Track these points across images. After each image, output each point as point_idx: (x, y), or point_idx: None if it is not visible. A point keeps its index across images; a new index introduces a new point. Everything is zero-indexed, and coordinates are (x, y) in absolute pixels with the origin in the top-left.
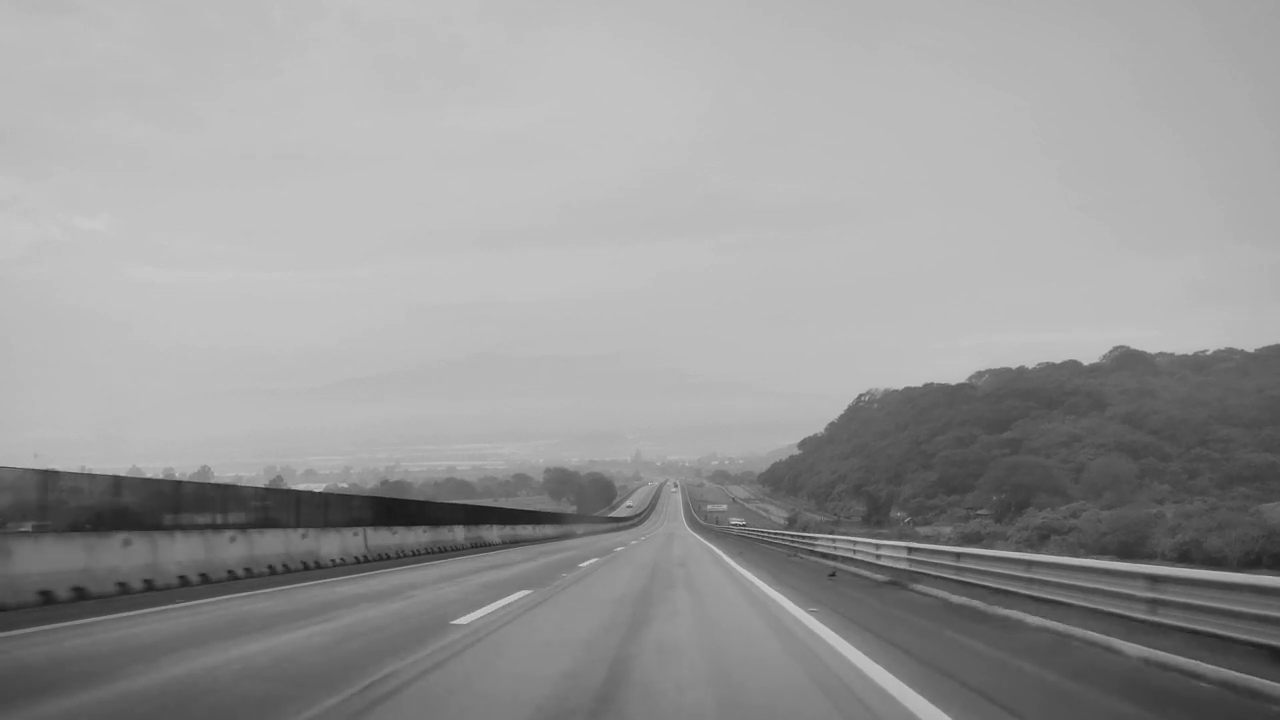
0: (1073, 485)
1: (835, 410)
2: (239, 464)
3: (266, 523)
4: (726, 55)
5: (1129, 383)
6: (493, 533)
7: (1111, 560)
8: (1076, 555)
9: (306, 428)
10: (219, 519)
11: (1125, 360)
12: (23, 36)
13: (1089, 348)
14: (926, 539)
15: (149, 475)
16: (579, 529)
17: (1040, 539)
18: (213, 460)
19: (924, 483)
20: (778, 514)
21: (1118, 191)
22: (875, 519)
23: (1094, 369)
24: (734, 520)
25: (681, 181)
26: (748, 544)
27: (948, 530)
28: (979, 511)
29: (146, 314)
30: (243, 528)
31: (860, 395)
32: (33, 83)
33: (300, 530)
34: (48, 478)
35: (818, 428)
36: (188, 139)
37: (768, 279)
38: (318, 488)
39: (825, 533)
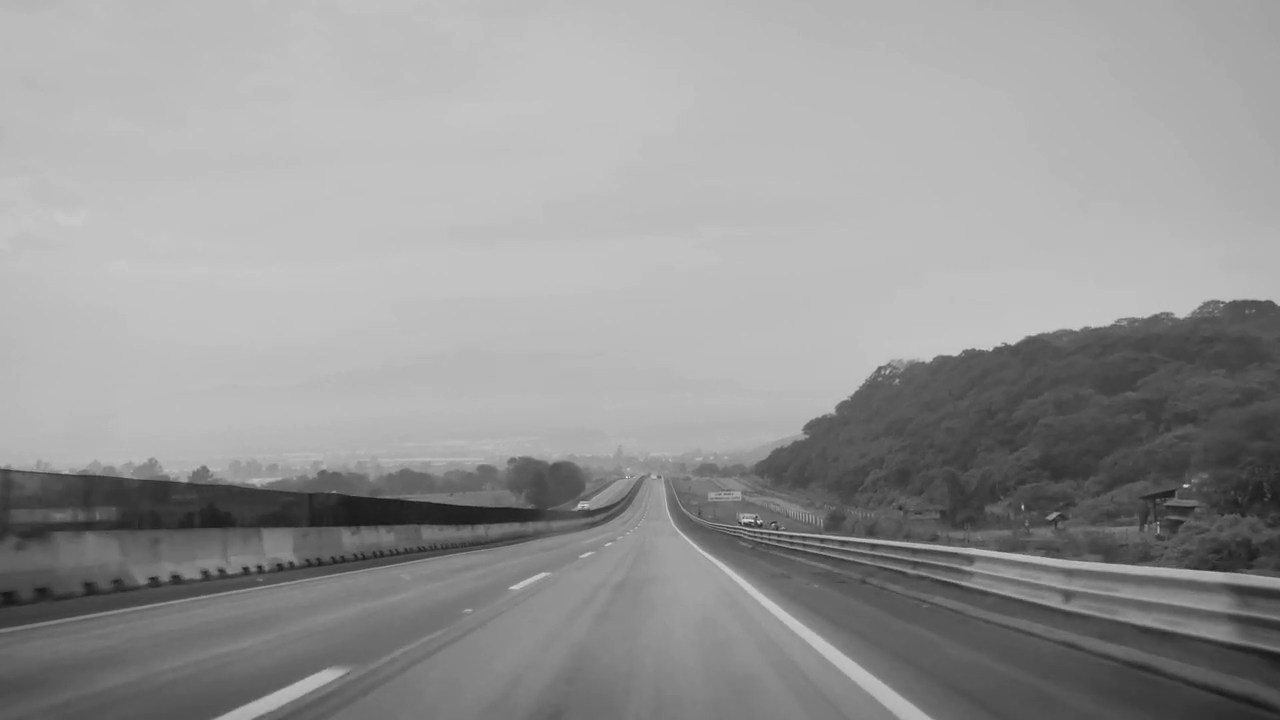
0: None
1: (826, 407)
2: (211, 460)
3: None
4: (716, 53)
5: (1268, 332)
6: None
7: None
8: None
9: (297, 424)
10: None
11: (1235, 311)
12: None
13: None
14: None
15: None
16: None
17: None
18: (198, 458)
19: (1015, 464)
20: (796, 510)
21: (1110, 184)
22: (964, 516)
23: (1208, 319)
24: (744, 517)
25: (668, 178)
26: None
27: (1118, 532)
28: (1172, 503)
29: (131, 310)
30: None
31: (879, 368)
32: (6, 76)
33: None
34: None
35: (807, 424)
36: (166, 134)
37: (756, 277)
38: (260, 483)
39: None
